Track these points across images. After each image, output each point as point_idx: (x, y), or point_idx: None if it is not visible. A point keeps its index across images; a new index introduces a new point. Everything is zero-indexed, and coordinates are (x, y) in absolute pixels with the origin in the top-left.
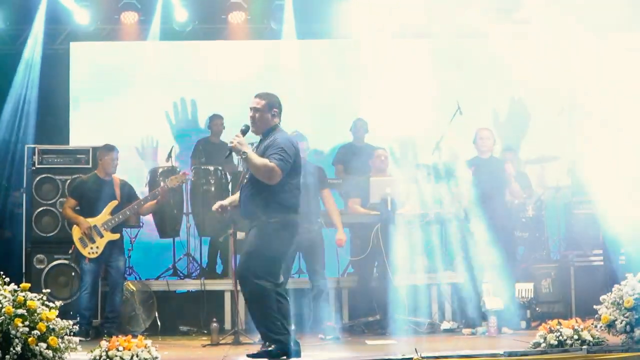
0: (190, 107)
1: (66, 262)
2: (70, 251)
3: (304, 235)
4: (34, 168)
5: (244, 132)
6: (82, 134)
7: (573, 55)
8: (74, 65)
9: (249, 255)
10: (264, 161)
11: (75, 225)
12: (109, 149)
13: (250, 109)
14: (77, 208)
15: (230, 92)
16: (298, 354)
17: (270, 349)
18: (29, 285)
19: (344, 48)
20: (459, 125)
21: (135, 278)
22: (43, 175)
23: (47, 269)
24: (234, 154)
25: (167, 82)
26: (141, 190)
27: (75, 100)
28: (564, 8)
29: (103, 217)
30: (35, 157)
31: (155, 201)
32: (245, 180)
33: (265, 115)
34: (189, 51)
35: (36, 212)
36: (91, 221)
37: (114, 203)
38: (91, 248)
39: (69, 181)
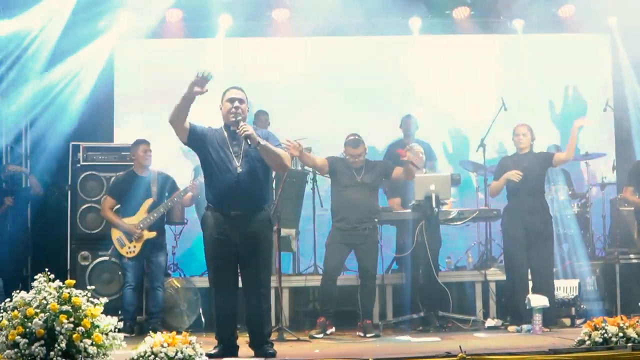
0: None
1: (110, 258)
2: (109, 251)
3: (360, 233)
4: (79, 165)
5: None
6: (126, 131)
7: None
8: (118, 63)
9: (265, 254)
10: (283, 151)
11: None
12: (139, 142)
13: (235, 99)
14: (117, 207)
15: (275, 89)
16: None
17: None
18: (73, 281)
19: (393, 44)
20: (513, 119)
21: (180, 275)
22: (87, 173)
23: (91, 265)
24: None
25: (212, 80)
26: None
27: (119, 98)
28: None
29: (139, 216)
30: (80, 155)
31: (190, 195)
32: (240, 170)
33: (246, 108)
34: (233, 48)
35: (81, 209)
36: (128, 221)
37: (150, 201)
38: (129, 248)
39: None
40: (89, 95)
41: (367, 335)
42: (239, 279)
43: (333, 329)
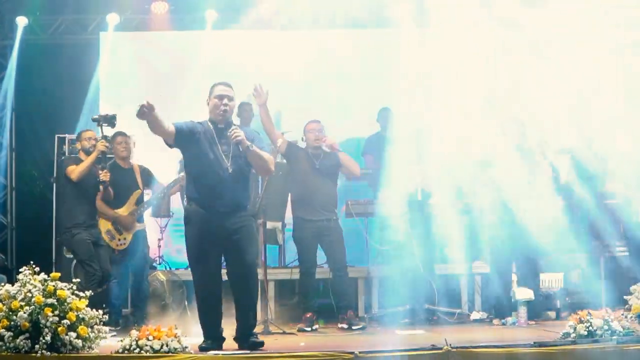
0: None
1: None
2: None
3: (324, 224)
4: (64, 157)
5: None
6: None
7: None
8: (104, 55)
9: (251, 248)
10: (268, 154)
11: (101, 219)
12: (115, 134)
13: (223, 97)
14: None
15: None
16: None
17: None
18: (58, 274)
19: (377, 38)
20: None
21: (165, 267)
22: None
23: None
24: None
25: (199, 73)
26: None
27: (105, 90)
28: None
29: (128, 207)
30: (66, 147)
31: (178, 186)
32: (230, 169)
33: (234, 105)
34: (219, 41)
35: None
36: (119, 212)
37: (138, 192)
38: (119, 240)
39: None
40: (75, 87)
41: (353, 327)
42: (221, 274)
43: (318, 326)
